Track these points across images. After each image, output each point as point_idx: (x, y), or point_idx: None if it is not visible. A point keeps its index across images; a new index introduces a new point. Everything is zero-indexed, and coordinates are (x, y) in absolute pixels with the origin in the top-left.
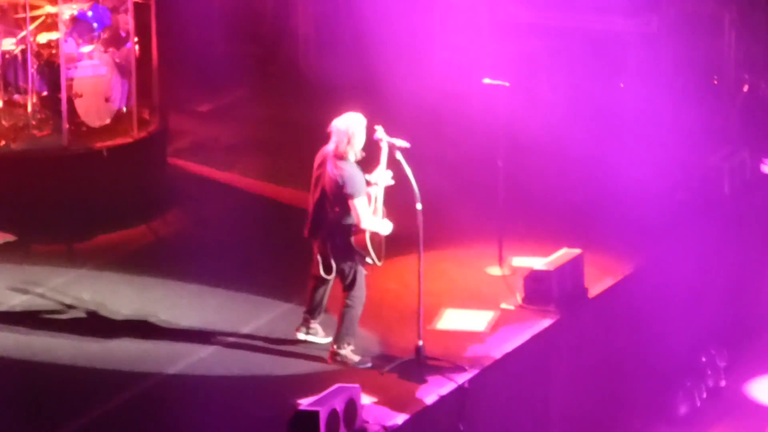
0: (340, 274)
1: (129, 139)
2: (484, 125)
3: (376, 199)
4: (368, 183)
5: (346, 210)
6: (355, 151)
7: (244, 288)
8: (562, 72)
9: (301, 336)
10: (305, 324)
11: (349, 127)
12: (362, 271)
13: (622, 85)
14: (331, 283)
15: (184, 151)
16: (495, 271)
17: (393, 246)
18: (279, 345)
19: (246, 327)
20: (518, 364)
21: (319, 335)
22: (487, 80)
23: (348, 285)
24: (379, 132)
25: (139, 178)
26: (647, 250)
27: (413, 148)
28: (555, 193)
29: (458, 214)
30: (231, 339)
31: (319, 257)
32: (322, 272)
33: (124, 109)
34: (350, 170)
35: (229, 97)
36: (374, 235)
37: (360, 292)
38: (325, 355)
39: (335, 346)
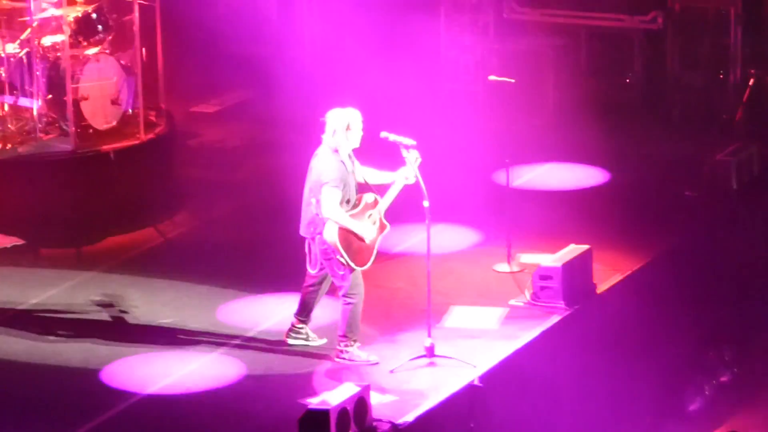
0: (328, 270)
1: (136, 141)
2: (490, 123)
3: (376, 201)
4: (366, 185)
5: None
6: (344, 145)
7: (254, 289)
8: (568, 69)
9: (291, 341)
10: (293, 328)
11: (337, 118)
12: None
13: (628, 80)
14: (325, 285)
15: (192, 152)
16: (503, 268)
17: (401, 244)
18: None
19: (256, 328)
20: (528, 360)
21: (310, 338)
22: (493, 77)
23: (340, 283)
24: (384, 132)
25: (147, 180)
26: (655, 245)
27: (420, 146)
28: (563, 189)
29: (466, 211)
30: (240, 340)
31: (308, 253)
32: (308, 267)
33: (131, 111)
34: (329, 160)
35: (236, 98)
36: (349, 235)
37: (356, 288)
38: (334, 354)
39: (341, 345)
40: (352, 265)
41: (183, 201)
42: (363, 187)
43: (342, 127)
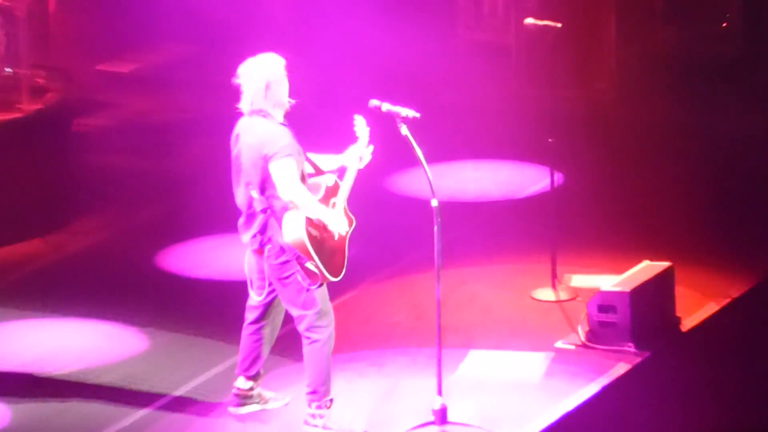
0: (282, 294)
1: (17, 114)
2: (525, 86)
3: (337, 185)
4: (317, 169)
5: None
6: (277, 105)
7: (187, 327)
8: (636, 12)
9: (241, 411)
10: (240, 393)
11: (265, 71)
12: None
13: (725, 24)
14: (274, 320)
15: (100, 130)
16: (546, 294)
17: (400, 258)
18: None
19: (190, 381)
20: (582, 428)
21: (266, 401)
22: (529, 20)
23: (301, 311)
24: (375, 100)
25: (33, 170)
26: (763, 262)
27: (426, 119)
28: (630, 182)
29: (493, 212)
30: (169, 398)
31: (248, 271)
32: (252, 293)
33: (9, 71)
34: (268, 127)
35: (166, 54)
36: (318, 230)
37: (325, 318)
38: (301, 417)
39: (311, 406)
40: (326, 273)
41: (88, 200)
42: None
43: (276, 79)
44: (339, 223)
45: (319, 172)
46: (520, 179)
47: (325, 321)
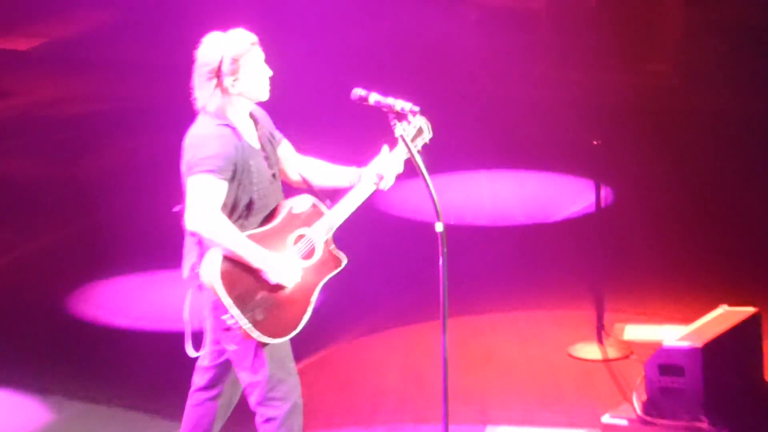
0: (228, 352)
1: None
2: (560, 68)
3: (316, 212)
4: (307, 183)
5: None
6: (233, 100)
7: (106, 394)
8: None
9: None
10: None
11: (210, 52)
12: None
13: None
14: (231, 390)
15: None
16: (589, 351)
17: (393, 301)
18: None
19: None
20: None
21: None
22: None
23: (250, 375)
24: (359, 89)
25: None
26: None
27: (427, 114)
28: (700, 198)
29: (517, 240)
30: None
31: (187, 317)
32: (187, 347)
33: None
34: (203, 129)
35: (75, 26)
36: (244, 274)
37: (281, 388)
38: None
39: None
40: (255, 334)
41: None
42: (292, 189)
43: (213, 73)
44: (280, 269)
45: (309, 187)
46: (553, 196)
47: (280, 392)
